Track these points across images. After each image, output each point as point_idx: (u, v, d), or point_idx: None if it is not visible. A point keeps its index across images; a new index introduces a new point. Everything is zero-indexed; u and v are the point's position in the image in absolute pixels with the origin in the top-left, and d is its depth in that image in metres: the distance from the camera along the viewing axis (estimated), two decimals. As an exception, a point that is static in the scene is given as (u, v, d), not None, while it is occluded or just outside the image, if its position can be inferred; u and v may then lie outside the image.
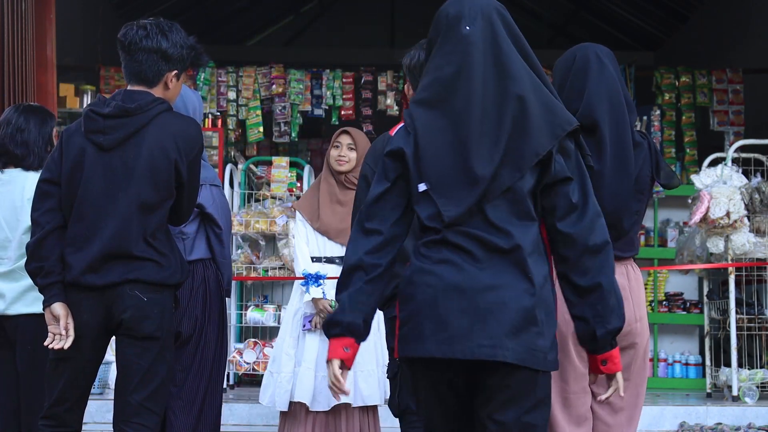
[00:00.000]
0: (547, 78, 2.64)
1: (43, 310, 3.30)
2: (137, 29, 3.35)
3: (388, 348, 3.51)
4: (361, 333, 2.60)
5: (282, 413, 4.95)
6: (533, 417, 2.51)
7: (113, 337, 3.37)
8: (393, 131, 2.84)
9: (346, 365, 2.60)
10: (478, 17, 2.57)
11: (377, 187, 2.63)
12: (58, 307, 3.25)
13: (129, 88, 3.37)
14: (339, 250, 4.94)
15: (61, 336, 3.23)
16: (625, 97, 3.16)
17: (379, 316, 4.99)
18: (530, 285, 2.47)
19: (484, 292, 2.46)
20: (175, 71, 3.39)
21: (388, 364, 3.50)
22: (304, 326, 4.89)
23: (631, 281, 3.19)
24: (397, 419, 3.52)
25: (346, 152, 4.93)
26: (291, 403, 4.86)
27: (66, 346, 3.23)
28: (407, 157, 2.56)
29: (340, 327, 2.57)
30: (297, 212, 5.08)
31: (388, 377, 3.50)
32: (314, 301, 4.86)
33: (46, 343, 3.26)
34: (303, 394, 4.80)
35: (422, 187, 2.54)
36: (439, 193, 2.53)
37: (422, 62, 3.01)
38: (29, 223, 3.42)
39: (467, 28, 2.56)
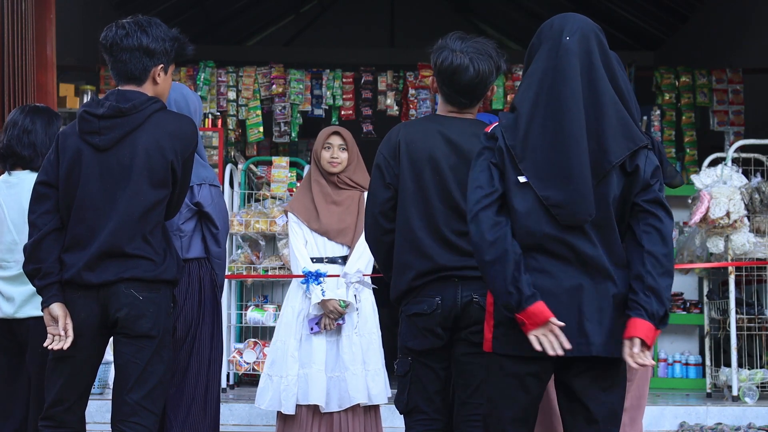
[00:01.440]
0: (626, 93, 2.93)
1: (42, 311, 3.30)
2: (116, 29, 3.35)
3: (399, 345, 3.49)
4: None
5: (280, 416, 4.92)
6: (619, 396, 2.88)
7: (112, 337, 3.37)
8: (489, 128, 2.94)
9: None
10: (577, 32, 2.91)
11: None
12: (57, 308, 3.25)
13: (120, 88, 3.38)
14: (340, 250, 4.92)
15: (60, 337, 3.23)
16: (630, 102, 3.18)
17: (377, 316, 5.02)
18: (614, 286, 2.80)
19: (576, 294, 2.79)
20: (161, 65, 3.39)
21: (397, 361, 3.49)
22: (312, 330, 4.84)
23: None
24: (401, 417, 3.52)
25: (338, 153, 4.91)
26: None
27: (65, 347, 3.23)
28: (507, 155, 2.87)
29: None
30: (291, 214, 5.04)
31: (398, 374, 3.49)
32: (323, 302, 4.80)
33: (45, 344, 3.25)
34: (317, 395, 4.75)
35: (522, 179, 2.84)
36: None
37: (454, 67, 3.33)
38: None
39: (567, 38, 2.90)
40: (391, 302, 3.53)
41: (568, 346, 2.73)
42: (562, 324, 2.75)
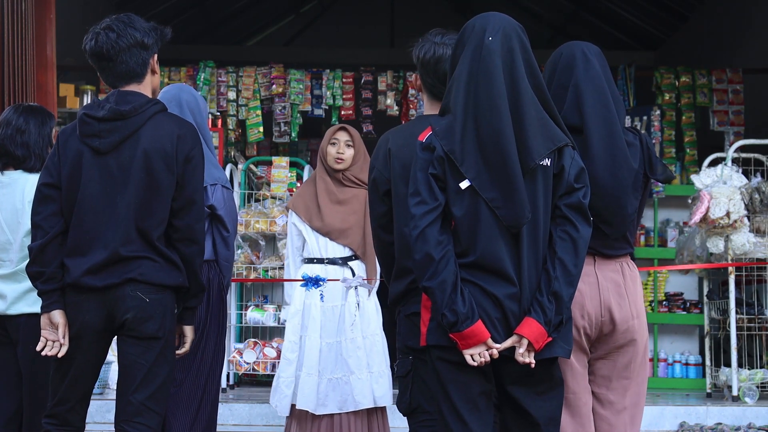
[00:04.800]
0: (547, 93, 2.97)
1: (41, 314, 3.30)
2: (107, 33, 3.36)
3: (399, 345, 3.49)
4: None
5: (289, 415, 4.92)
6: (557, 401, 2.99)
7: (116, 338, 3.37)
8: (423, 137, 2.95)
9: None
10: (499, 32, 2.94)
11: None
12: (58, 315, 3.26)
13: (120, 89, 3.37)
14: (342, 251, 4.90)
15: (54, 343, 3.24)
16: (612, 95, 3.18)
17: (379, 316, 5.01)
18: (515, 287, 2.86)
19: (507, 298, 2.87)
20: (155, 54, 3.44)
21: (398, 362, 3.49)
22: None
23: (626, 279, 3.20)
24: (405, 418, 3.52)
25: (344, 149, 4.89)
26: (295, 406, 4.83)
27: (60, 355, 3.24)
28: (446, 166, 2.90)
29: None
30: (291, 212, 5.01)
31: (397, 375, 3.49)
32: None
33: (38, 348, 3.26)
34: (304, 401, 4.76)
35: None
36: None
37: (437, 57, 3.33)
38: (30, 226, 3.40)
39: (489, 38, 2.92)
40: (388, 305, 3.54)
41: (496, 355, 2.83)
42: (499, 346, 2.84)
